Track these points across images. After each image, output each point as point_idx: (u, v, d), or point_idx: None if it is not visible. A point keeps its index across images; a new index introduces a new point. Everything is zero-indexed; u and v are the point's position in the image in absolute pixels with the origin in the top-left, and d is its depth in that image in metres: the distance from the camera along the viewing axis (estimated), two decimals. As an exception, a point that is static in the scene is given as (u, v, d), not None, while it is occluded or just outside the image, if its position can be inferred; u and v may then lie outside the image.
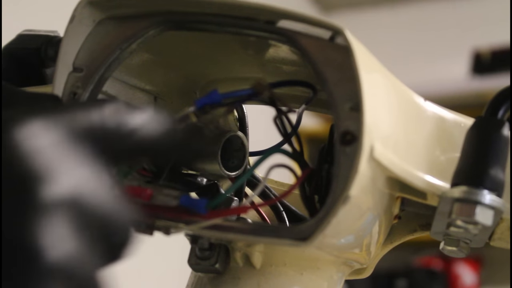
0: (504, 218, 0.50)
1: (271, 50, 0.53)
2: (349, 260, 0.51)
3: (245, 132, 0.56)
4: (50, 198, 0.29)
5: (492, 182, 0.46)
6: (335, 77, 0.44)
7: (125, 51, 0.49)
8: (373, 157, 0.43)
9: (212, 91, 0.46)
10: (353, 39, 0.44)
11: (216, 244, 0.49)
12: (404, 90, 0.49)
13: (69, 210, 0.30)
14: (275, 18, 0.46)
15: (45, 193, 0.29)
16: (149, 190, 0.45)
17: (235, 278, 0.50)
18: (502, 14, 2.88)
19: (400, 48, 3.13)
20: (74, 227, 0.30)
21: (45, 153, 0.30)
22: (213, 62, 0.57)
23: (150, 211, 0.46)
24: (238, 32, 0.48)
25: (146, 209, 0.46)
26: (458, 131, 0.50)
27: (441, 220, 0.48)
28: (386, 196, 0.48)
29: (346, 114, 0.44)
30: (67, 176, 0.30)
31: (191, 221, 0.45)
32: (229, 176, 0.54)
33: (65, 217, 0.30)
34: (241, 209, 0.47)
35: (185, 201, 0.45)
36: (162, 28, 0.49)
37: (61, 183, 0.30)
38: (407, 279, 2.84)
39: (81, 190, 0.30)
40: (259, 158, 0.46)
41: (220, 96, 0.46)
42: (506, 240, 0.52)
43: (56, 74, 0.49)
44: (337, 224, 0.43)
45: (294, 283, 0.49)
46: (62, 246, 0.29)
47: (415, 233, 0.55)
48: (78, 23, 0.49)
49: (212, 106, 0.46)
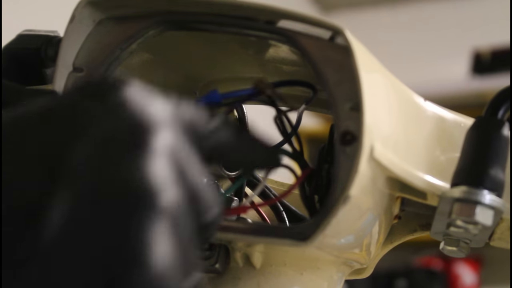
0: (504, 218, 0.50)
1: (271, 50, 0.53)
2: (349, 260, 0.51)
3: (245, 132, 0.56)
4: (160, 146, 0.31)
5: (492, 182, 0.46)
6: (335, 77, 0.44)
7: (125, 51, 0.49)
8: (373, 157, 0.43)
9: (212, 91, 0.46)
10: (353, 39, 0.44)
11: (216, 244, 0.49)
12: (404, 90, 0.49)
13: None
14: (275, 18, 0.46)
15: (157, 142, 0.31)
16: None
17: (235, 278, 0.50)
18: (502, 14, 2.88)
19: (400, 48, 3.13)
20: (178, 180, 0.32)
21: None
22: (213, 62, 0.57)
23: None
24: (238, 32, 0.48)
25: None
26: (458, 131, 0.50)
27: (441, 220, 0.48)
28: (386, 196, 0.48)
29: (346, 114, 0.44)
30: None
31: None
32: (229, 176, 0.54)
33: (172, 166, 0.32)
34: (241, 209, 0.47)
35: None
36: (162, 28, 0.49)
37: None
38: (407, 279, 2.84)
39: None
40: None
41: (220, 96, 0.46)
42: (506, 240, 0.52)
43: (56, 74, 0.49)
44: (337, 224, 0.43)
45: (294, 283, 0.49)
46: (172, 191, 0.31)
47: (415, 233, 0.55)
48: (78, 23, 0.49)
49: (212, 106, 0.46)
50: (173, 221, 0.31)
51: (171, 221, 0.31)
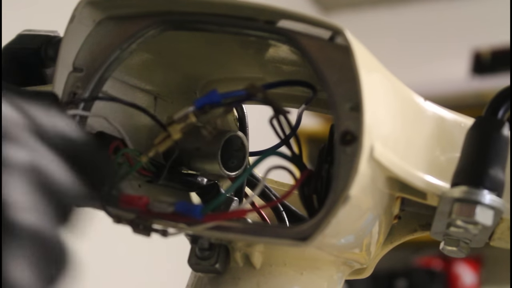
0: (504, 218, 0.50)
1: (271, 50, 0.53)
2: (349, 260, 0.51)
3: (245, 132, 0.56)
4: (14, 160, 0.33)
5: (492, 182, 0.46)
6: (335, 77, 0.44)
7: (125, 51, 0.49)
8: (373, 157, 0.43)
9: (211, 91, 0.46)
10: (353, 39, 0.44)
11: (216, 244, 0.50)
12: (404, 90, 0.49)
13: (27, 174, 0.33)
14: (275, 18, 0.46)
15: (11, 155, 0.33)
16: (145, 198, 0.46)
17: (235, 278, 0.50)
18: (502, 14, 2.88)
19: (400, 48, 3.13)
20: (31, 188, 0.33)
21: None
22: (213, 62, 0.57)
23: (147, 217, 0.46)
24: (238, 32, 0.48)
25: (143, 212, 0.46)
26: (458, 131, 0.50)
27: (441, 220, 0.48)
28: (386, 196, 0.48)
29: (346, 114, 0.44)
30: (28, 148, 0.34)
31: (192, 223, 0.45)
32: (229, 176, 0.54)
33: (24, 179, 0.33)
34: (241, 212, 0.47)
35: (181, 208, 0.45)
36: (162, 28, 0.49)
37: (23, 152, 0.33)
38: (407, 279, 2.84)
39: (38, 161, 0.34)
40: (257, 159, 0.46)
41: (220, 96, 0.46)
42: (506, 240, 0.52)
43: (56, 74, 0.49)
44: (337, 224, 0.43)
45: (294, 283, 0.49)
46: (25, 204, 0.32)
47: (415, 233, 0.55)
48: (78, 23, 0.49)
49: (212, 106, 0.46)
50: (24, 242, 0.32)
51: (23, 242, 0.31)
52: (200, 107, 0.46)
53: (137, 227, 0.46)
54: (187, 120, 0.46)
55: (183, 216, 0.45)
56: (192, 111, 0.46)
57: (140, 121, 0.55)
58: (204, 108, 0.46)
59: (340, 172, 0.43)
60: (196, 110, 0.46)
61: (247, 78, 0.57)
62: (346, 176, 0.42)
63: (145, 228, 0.46)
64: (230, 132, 0.54)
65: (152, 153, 0.48)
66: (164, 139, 0.47)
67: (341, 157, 0.43)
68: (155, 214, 0.45)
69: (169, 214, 0.45)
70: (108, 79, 0.50)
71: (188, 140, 0.50)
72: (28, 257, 0.31)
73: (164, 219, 0.45)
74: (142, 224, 0.46)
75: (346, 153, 0.43)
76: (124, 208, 0.46)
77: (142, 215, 0.46)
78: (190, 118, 0.46)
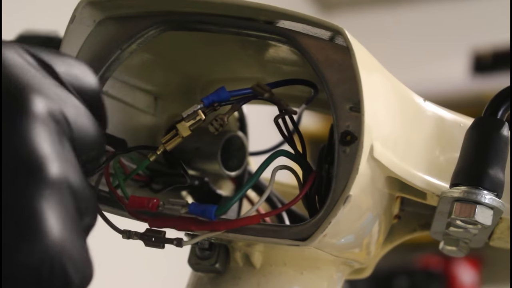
0: (503, 218, 0.50)
1: (271, 50, 0.53)
2: (349, 260, 0.51)
3: (245, 132, 0.56)
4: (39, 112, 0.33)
5: (492, 182, 0.46)
6: (335, 77, 0.44)
7: (125, 51, 0.49)
8: (372, 157, 0.43)
9: (220, 88, 0.46)
10: (353, 39, 0.44)
11: (216, 244, 0.49)
12: (404, 90, 0.49)
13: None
14: (275, 18, 0.46)
15: (37, 107, 0.33)
16: (156, 200, 0.45)
17: (235, 278, 0.50)
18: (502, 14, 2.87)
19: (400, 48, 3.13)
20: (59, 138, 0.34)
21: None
22: (213, 62, 0.57)
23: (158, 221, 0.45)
24: (238, 32, 0.48)
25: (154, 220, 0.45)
26: (458, 131, 0.51)
27: (440, 220, 0.48)
28: (386, 196, 0.48)
29: (346, 114, 0.44)
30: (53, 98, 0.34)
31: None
32: (229, 176, 0.54)
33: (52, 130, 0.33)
34: (255, 219, 0.45)
35: (194, 209, 0.44)
36: (162, 28, 0.49)
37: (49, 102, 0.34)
38: (406, 278, 2.84)
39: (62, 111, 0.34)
40: (266, 160, 0.45)
41: (229, 94, 0.46)
42: (506, 240, 0.52)
43: (56, 74, 0.49)
44: (337, 224, 0.43)
45: (294, 283, 0.49)
46: (57, 164, 0.33)
47: (415, 233, 0.55)
48: (78, 23, 0.49)
49: (220, 103, 0.46)
50: (60, 193, 0.32)
51: (58, 193, 0.32)
52: (209, 105, 0.46)
53: (150, 240, 0.45)
54: (196, 117, 0.46)
55: (193, 218, 0.44)
56: (200, 108, 0.46)
57: (140, 121, 0.55)
58: (212, 105, 0.46)
59: (340, 172, 0.43)
60: (205, 107, 0.46)
61: (247, 78, 0.57)
62: (346, 176, 0.43)
63: (158, 240, 0.45)
64: (230, 132, 0.54)
65: (160, 152, 0.47)
66: (172, 137, 0.46)
67: (341, 157, 0.43)
68: (167, 216, 0.45)
69: (180, 216, 0.44)
70: (108, 79, 0.50)
71: (188, 140, 0.50)
72: (61, 207, 0.32)
73: (174, 221, 0.45)
74: (154, 237, 0.45)
75: (346, 153, 0.43)
76: (133, 211, 0.45)
77: (153, 218, 0.45)
78: (199, 115, 0.46)
